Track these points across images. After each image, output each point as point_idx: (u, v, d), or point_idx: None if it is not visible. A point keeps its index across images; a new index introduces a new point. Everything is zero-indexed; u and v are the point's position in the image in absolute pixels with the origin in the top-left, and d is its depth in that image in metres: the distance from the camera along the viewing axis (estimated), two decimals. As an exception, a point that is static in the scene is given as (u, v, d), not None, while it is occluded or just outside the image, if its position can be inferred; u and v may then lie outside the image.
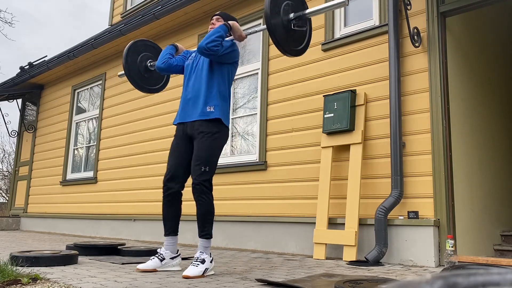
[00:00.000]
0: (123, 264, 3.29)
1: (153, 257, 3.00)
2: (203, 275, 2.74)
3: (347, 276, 2.69)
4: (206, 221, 2.89)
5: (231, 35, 3.12)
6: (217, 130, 3.00)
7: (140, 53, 3.76)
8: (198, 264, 2.76)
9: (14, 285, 2.30)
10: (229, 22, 3.11)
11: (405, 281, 0.51)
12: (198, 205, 2.90)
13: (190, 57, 3.31)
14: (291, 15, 2.85)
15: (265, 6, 2.71)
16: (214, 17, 3.26)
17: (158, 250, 3.04)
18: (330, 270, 3.09)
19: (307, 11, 2.91)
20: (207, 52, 2.94)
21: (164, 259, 2.99)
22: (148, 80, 3.81)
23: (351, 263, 3.52)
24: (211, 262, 2.85)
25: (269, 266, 3.31)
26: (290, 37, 2.88)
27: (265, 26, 2.81)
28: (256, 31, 3.18)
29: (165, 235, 3.06)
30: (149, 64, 3.77)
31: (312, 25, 4.63)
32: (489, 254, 4.31)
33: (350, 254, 3.71)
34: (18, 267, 2.71)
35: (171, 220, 3.07)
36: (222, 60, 3.07)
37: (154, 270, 2.92)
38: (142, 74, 3.77)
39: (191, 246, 5.05)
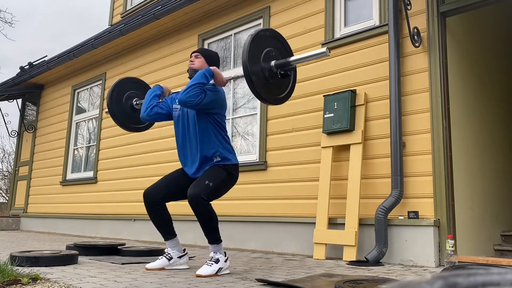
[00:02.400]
0: (123, 264, 3.29)
1: (161, 256, 3.07)
2: (216, 274, 2.76)
3: (347, 276, 2.69)
4: (210, 229, 2.85)
5: (211, 80, 3.00)
6: (226, 168, 2.96)
7: (125, 92, 3.63)
8: (212, 264, 2.79)
9: (14, 285, 2.30)
10: (210, 68, 2.98)
11: (405, 281, 0.51)
12: (197, 217, 2.82)
13: (175, 107, 3.14)
14: (272, 63, 2.69)
15: (243, 53, 2.55)
16: (193, 54, 3.15)
17: (166, 250, 3.10)
18: (330, 270, 3.09)
19: (290, 59, 2.74)
20: (190, 104, 2.83)
21: (171, 258, 3.05)
22: (135, 119, 3.66)
23: (351, 263, 3.52)
24: (225, 261, 2.87)
25: (269, 266, 3.31)
26: (269, 85, 2.71)
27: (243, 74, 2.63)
28: (238, 76, 3.00)
29: (165, 240, 3.11)
30: (135, 103, 3.64)
31: (312, 25, 4.66)
32: (489, 254, 4.31)
33: (350, 254, 3.71)
34: (18, 267, 2.71)
35: (162, 226, 3.06)
36: (207, 108, 2.95)
37: (162, 269, 2.98)
38: (128, 113, 3.63)
39: (191, 246, 5.05)
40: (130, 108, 3.66)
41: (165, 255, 3.07)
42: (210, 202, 2.82)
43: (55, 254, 3.18)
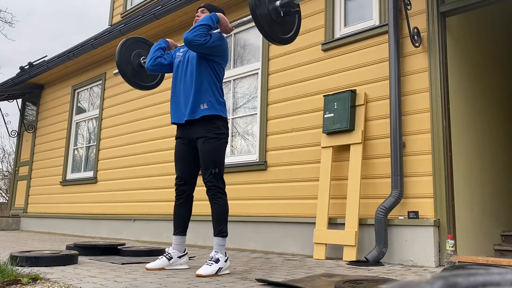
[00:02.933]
0: (123, 264, 3.29)
1: (161, 256, 3.07)
2: (216, 274, 2.77)
3: (347, 276, 2.69)
4: (221, 220, 2.93)
5: (218, 28, 3.06)
6: (216, 131, 2.98)
7: (132, 51, 3.71)
8: (212, 264, 2.80)
9: (14, 285, 2.30)
10: (216, 13, 3.05)
11: (405, 281, 0.51)
12: (212, 205, 2.95)
13: (178, 54, 3.23)
14: (277, 2, 2.81)
15: None
16: (199, 9, 3.19)
17: (166, 250, 3.11)
18: (330, 270, 3.09)
19: None
20: (195, 43, 2.89)
21: (171, 258, 3.05)
22: (142, 77, 3.77)
23: (351, 263, 3.52)
24: (225, 261, 2.88)
25: (269, 266, 3.31)
26: (277, 25, 2.83)
27: (250, 16, 2.74)
28: (244, 22, 3.08)
29: (175, 234, 3.12)
30: (142, 61, 3.74)
31: (312, 25, 4.66)
32: (489, 254, 4.31)
33: (350, 254, 3.71)
34: (18, 267, 2.71)
35: (182, 220, 3.12)
36: (211, 53, 3.01)
37: (162, 269, 2.98)
38: (136, 71, 3.73)
39: (191, 246, 5.05)
40: (138, 66, 3.74)
41: (165, 254, 3.07)
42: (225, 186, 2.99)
43: (55, 254, 3.18)
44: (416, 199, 3.67)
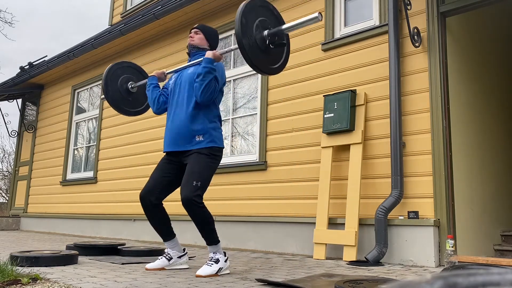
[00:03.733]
0: (123, 264, 3.29)
1: (161, 256, 3.05)
2: (216, 274, 2.76)
3: (347, 276, 2.69)
4: (207, 231, 2.85)
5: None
6: (210, 152, 2.90)
7: (119, 77, 3.59)
8: (212, 264, 2.78)
9: (14, 285, 2.30)
10: (209, 52, 2.92)
11: (405, 281, 0.51)
12: (193, 219, 2.83)
13: (170, 83, 3.12)
14: (265, 32, 2.67)
15: (236, 24, 2.53)
16: (193, 31, 3.13)
17: (166, 250, 3.08)
18: (330, 270, 3.09)
19: (282, 27, 2.73)
20: (212, 97, 2.87)
21: (171, 258, 3.04)
22: (132, 102, 3.65)
23: (351, 263, 3.52)
24: (225, 261, 2.87)
25: (269, 266, 3.31)
26: (265, 55, 2.69)
27: (237, 46, 2.61)
28: (232, 49, 2.94)
29: (164, 241, 3.09)
30: (130, 87, 3.61)
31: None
32: (489, 254, 4.31)
33: (350, 254, 3.71)
34: (18, 267, 2.71)
35: (160, 228, 3.04)
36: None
37: (162, 269, 2.97)
38: (125, 98, 3.61)
39: (191, 246, 5.05)
40: (125, 92, 3.61)
41: (164, 255, 3.06)
42: (204, 203, 2.82)
43: (55, 254, 3.18)
44: (416, 199, 3.67)
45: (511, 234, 4.57)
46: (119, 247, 4.05)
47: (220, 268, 2.80)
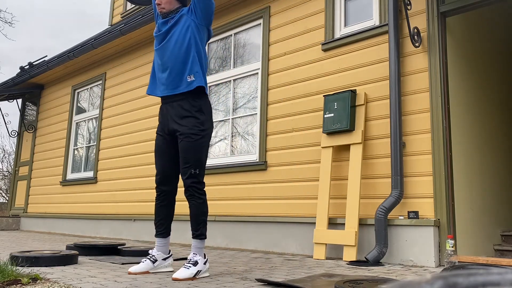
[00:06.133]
0: (123, 264, 3.29)
1: (144, 259, 2.87)
2: (194, 278, 2.63)
3: (347, 276, 2.69)
4: (199, 222, 2.78)
5: None
6: (199, 127, 2.81)
7: None
8: (189, 267, 2.65)
9: (14, 285, 2.30)
10: None
11: (405, 281, 0.51)
12: (190, 206, 2.80)
13: (160, 28, 2.96)
14: None
15: None
16: None
17: (150, 252, 2.92)
18: (330, 270, 3.09)
19: None
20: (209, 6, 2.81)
21: (156, 260, 2.86)
22: None
23: (351, 263, 3.52)
24: (204, 263, 2.74)
25: (269, 266, 3.30)
26: None
27: None
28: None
29: (157, 236, 2.94)
30: None
31: (312, 25, 4.66)
32: (489, 254, 4.31)
33: (350, 254, 3.71)
34: (18, 267, 2.71)
35: (164, 221, 2.94)
36: (207, 11, 2.84)
37: (146, 273, 2.81)
38: None
39: (188, 247, 5.04)
40: None
41: (149, 257, 2.87)
42: (205, 190, 2.85)
43: (55, 254, 3.18)
44: (416, 199, 3.67)
45: (511, 234, 4.57)
46: (119, 247, 4.05)
47: (198, 271, 2.66)
